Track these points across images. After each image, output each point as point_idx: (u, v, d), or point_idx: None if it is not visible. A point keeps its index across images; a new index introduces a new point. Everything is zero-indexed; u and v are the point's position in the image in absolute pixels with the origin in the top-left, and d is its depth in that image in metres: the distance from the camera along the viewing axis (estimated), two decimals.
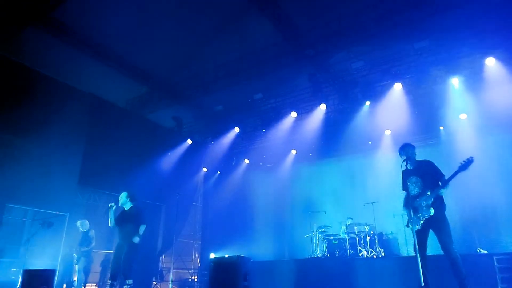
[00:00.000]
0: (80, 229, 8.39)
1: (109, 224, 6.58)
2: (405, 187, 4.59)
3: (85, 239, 8.29)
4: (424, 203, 4.27)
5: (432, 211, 4.21)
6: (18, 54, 7.99)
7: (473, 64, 8.07)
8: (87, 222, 8.44)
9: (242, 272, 3.56)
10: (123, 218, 6.56)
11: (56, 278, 6.85)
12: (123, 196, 6.72)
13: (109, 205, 6.59)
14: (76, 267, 8.09)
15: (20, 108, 7.94)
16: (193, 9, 8.89)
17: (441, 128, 9.86)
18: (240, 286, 3.49)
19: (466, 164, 4.11)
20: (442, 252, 4.20)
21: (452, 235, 4.15)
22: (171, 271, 7.46)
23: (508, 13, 6.69)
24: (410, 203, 4.05)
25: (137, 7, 8.60)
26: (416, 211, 4.17)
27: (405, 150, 4.54)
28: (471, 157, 4.13)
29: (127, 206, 6.68)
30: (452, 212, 4.42)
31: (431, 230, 4.34)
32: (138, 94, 11.21)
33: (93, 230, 8.36)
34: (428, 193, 4.29)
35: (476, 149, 8.74)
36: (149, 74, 10.42)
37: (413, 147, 4.59)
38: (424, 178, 4.38)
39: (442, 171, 4.42)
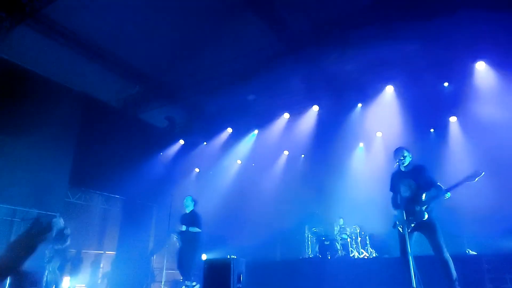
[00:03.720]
0: (55, 226, 8.09)
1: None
2: (394, 189, 4.62)
3: (60, 237, 7.98)
4: (417, 208, 4.30)
5: (426, 215, 4.25)
6: (8, 52, 7.88)
7: (464, 67, 8.20)
8: (61, 219, 8.16)
9: (236, 274, 3.57)
10: (184, 221, 6.78)
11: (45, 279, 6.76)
12: (188, 200, 7.00)
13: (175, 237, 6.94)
14: (48, 266, 7.74)
15: (10, 107, 7.84)
16: (188, 9, 8.85)
17: (431, 131, 9.98)
18: None
19: (474, 176, 4.10)
20: (431, 253, 4.25)
21: (443, 237, 4.20)
22: (164, 272, 7.44)
23: (498, 18, 6.81)
24: (402, 205, 4.07)
25: (131, 6, 8.53)
26: (407, 214, 4.20)
27: (401, 152, 4.58)
28: (481, 171, 4.10)
29: (189, 209, 6.89)
30: (440, 212, 4.47)
31: (418, 233, 4.39)
32: (131, 93, 11.13)
33: (68, 228, 8.05)
34: (423, 198, 4.33)
35: (465, 151, 8.89)
36: (142, 73, 10.36)
37: (408, 151, 4.63)
38: (418, 181, 4.40)
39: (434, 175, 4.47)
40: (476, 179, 4.09)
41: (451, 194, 4.24)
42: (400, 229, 4.45)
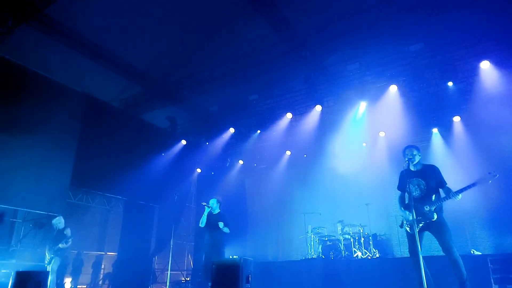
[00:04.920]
0: (56, 226, 7.96)
1: (200, 225, 6.76)
2: (402, 187, 4.56)
3: (60, 237, 7.84)
4: (427, 208, 4.26)
5: (435, 216, 4.21)
6: (10, 52, 7.84)
7: (468, 67, 8.18)
8: (62, 219, 8.03)
9: (244, 275, 3.53)
10: (211, 222, 6.73)
11: (49, 280, 6.68)
12: (213, 202, 6.92)
13: (206, 206, 6.78)
14: (49, 267, 7.62)
15: (12, 107, 7.80)
16: (189, 8, 8.83)
17: (434, 130, 9.95)
18: None
19: (488, 178, 4.04)
20: (441, 253, 4.20)
21: (452, 237, 4.17)
22: (168, 272, 7.35)
23: (502, 17, 6.78)
24: (411, 205, 4.02)
25: (132, 6, 8.51)
26: (416, 213, 4.13)
27: (410, 150, 4.51)
28: (495, 173, 4.03)
29: (216, 211, 6.86)
30: (445, 213, 4.43)
31: (427, 233, 4.35)
32: (132, 94, 11.10)
33: (69, 229, 7.91)
34: (433, 198, 4.29)
35: (469, 151, 8.86)
36: (143, 73, 10.32)
37: (418, 149, 4.56)
38: (428, 182, 4.35)
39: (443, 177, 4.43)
40: (490, 181, 4.02)
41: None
42: (408, 229, 4.41)
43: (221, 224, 6.57)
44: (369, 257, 8.36)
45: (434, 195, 4.29)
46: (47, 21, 8.11)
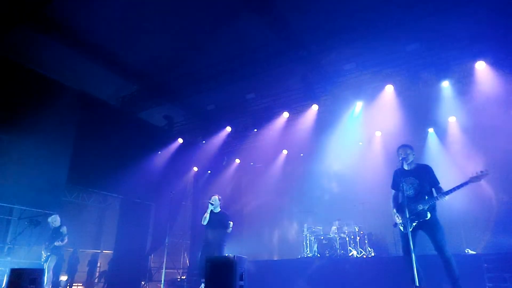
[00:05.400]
0: (52, 224, 7.94)
1: (203, 222, 6.56)
2: (396, 186, 4.60)
3: (56, 235, 7.82)
4: (420, 207, 4.30)
5: (428, 215, 4.25)
6: (7, 50, 7.82)
7: (463, 67, 8.22)
8: (58, 217, 8.01)
9: (238, 272, 3.56)
10: (213, 220, 6.59)
11: (45, 278, 6.68)
12: (216, 199, 6.76)
13: (210, 203, 6.61)
14: (45, 265, 7.58)
15: (8, 105, 7.79)
16: (186, 7, 8.81)
17: (430, 130, 10.01)
18: (236, 286, 3.48)
19: (480, 177, 4.07)
20: (434, 252, 4.24)
21: (445, 236, 4.20)
22: (163, 271, 7.34)
23: (498, 18, 6.82)
24: (404, 204, 4.05)
25: (129, 4, 8.49)
26: (409, 213, 4.17)
27: (404, 150, 4.56)
28: (487, 171, 4.07)
29: (217, 209, 6.72)
30: (440, 213, 4.46)
31: (420, 232, 4.38)
32: (129, 92, 11.07)
33: (64, 227, 7.88)
34: (426, 198, 4.32)
35: (464, 151, 8.92)
36: (140, 72, 10.30)
37: (412, 149, 4.61)
38: (422, 181, 4.39)
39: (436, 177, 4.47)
40: (482, 180, 4.06)
41: (451, 195, 4.21)
42: (401, 228, 4.44)
43: (230, 225, 6.50)
44: (364, 256, 8.40)
45: (427, 194, 4.34)
46: (44, 19, 8.07)
